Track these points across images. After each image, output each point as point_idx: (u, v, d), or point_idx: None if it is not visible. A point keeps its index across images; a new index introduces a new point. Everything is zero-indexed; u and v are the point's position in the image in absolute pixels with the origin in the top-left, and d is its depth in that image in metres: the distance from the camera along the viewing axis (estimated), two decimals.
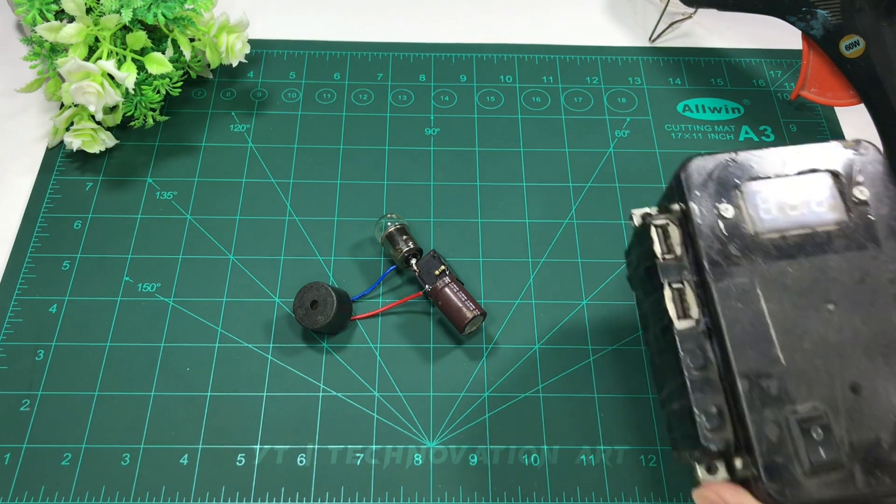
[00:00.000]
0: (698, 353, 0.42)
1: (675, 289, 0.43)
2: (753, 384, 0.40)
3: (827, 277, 0.42)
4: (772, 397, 0.40)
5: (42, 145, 0.70)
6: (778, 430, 0.39)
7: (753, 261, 0.42)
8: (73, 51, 0.63)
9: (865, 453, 0.39)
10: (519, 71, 0.75)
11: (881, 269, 0.42)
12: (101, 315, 0.60)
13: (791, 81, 0.75)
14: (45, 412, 0.56)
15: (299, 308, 0.58)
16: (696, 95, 0.74)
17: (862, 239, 0.43)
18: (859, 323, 0.41)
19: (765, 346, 0.41)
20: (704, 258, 0.43)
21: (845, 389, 0.40)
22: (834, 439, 0.39)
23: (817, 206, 0.44)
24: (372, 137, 0.70)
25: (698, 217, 0.43)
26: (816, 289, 0.42)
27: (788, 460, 0.39)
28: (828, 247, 0.43)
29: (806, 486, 0.39)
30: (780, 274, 0.42)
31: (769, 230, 0.43)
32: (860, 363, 0.40)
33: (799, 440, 0.39)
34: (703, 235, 0.43)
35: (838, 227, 0.43)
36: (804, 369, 0.40)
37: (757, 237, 0.43)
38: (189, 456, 0.55)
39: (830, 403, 0.40)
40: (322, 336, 0.60)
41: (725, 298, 0.41)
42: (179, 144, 0.69)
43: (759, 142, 0.70)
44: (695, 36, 0.79)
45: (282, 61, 0.75)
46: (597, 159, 0.69)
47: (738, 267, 0.42)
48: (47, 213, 0.65)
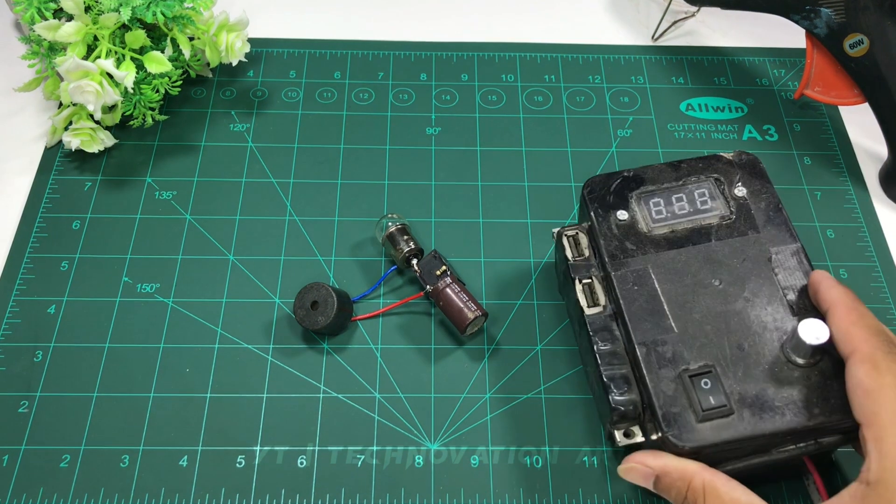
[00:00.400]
0: (606, 333, 0.51)
1: (585, 283, 0.53)
2: (650, 350, 0.48)
3: (713, 260, 0.51)
4: (667, 359, 0.48)
5: (40, 145, 0.70)
6: (673, 386, 0.47)
7: (647, 252, 0.52)
8: (72, 49, 0.63)
9: (752, 400, 0.46)
10: (521, 70, 0.75)
11: (760, 250, 0.52)
12: (99, 316, 0.60)
13: (795, 80, 0.75)
14: (44, 413, 0.56)
15: (300, 309, 0.58)
16: (700, 94, 0.74)
17: (743, 227, 0.52)
18: (745, 294, 0.50)
19: (659, 319, 0.49)
20: (605, 254, 0.52)
21: (733, 349, 0.48)
22: (723, 389, 0.46)
23: (702, 204, 0.54)
24: (373, 137, 0.70)
25: (599, 223, 0.53)
26: (704, 269, 0.51)
27: (683, 409, 0.46)
28: (713, 235, 0.52)
29: (700, 430, 0.46)
30: (671, 260, 0.52)
31: (660, 227, 0.53)
32: (746, 327, 0.49)
33: (691, 391, 0.46)
34: (604, 236, 0.53)
35: (722, 219, 0.53)
36: (695, 335, 0.49)
37: (650, 233, 0.53)
38: (188, 457, 0.55)
39: (720, 361, 0.48)
40: (322, 337, 0.60)
41: (623, 283, 0.51)
42: (179, 144, 0.69)
43: (763, 141, 0.70)
44: (698, 34, 0.79)
45: (282, 60, 0.75)
46: (599, 159, 0.69)
47: (633, 258, 0.52)
48: (46, 213, 0.65)
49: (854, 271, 0.63)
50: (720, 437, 0.45)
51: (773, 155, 0.70)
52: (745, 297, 0.50)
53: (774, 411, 0.46)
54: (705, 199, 0.54)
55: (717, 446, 0.45)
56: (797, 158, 0.70)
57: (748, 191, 0.54)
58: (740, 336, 0.48)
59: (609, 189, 0.55)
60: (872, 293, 0.62)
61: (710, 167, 0.55)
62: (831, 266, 0.63)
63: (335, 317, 0.57)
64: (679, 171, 0.55)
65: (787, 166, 0.69)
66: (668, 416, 0.46)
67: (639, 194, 0.54)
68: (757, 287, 0.50)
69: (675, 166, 0.55)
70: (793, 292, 0.50)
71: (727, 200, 0.54)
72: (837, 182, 0.68)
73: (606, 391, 0.49)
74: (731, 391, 0.47)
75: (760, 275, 0.50)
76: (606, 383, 0.49)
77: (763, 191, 0.54)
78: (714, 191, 0.54)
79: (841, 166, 0.69)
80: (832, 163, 0.70)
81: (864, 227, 0.66)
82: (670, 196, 0.54)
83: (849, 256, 0.64)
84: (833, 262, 0.63)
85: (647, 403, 0.48)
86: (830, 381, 0.46)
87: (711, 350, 0.48)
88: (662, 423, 0.46)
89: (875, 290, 0.62)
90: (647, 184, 0.55)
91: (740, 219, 0.53)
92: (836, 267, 0.63)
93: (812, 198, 0.67)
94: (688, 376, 0.47)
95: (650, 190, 0.54)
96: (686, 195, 0.54)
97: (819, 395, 0.46)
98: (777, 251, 0.51)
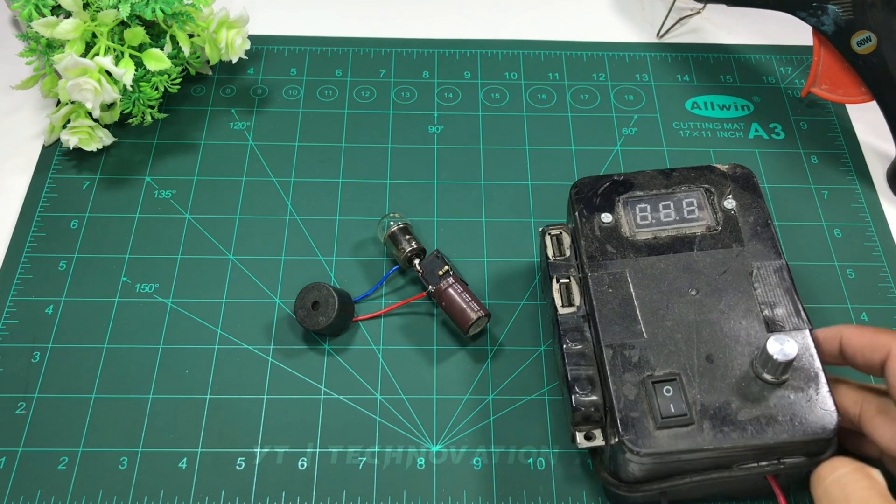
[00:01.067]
0: (576, 333, 0.51)
1: (563, 283, 0.54)
2: (617, 353, 0.49)
3: (693, 269, 0.51)
4: (632, 363, 0.48)
5: (38, 143, 0.69)
6: (636, 391, 0.47)
7: (626, 256, 0.52)
8: (70, 47, 0.62)
9: (715, 412, 0.46)
10: (524, 67, 0.75)
11: (743, 264, 0.51)
12: (98, 316, 0.60)
13: (802, 78, 0.75)
14: (42, 415, 0.56)
15: (300, 309, 0.57)
16: (705, 92, 0.74)
17: (728, 240, 0.52)
18: (721, 306, 0.50)
19: (630, 323, 0.50)
20: (584, 255, 0.53)
21: (701, 359, 0.48)
22: (685, 398, 0.46)
23: (689, 213, 0.54)
24: (374, 135, 0.70)
25: (582, 224, 0.54)
26: (682, 278, 0.51)
27: (643, 415, 0.46)
28: (696, 245, 0.52)
29: (657, 437, 0.45)
30: (650, 266, 0.52)
31: (643, 232, 0.53)
32: (717, 339, 0.49)
33: (652, 397, 0.46)
34: (585, 237, 0.53)
35: (707, 230, 0.53)
36: (664, 342, 0.49)
37: (632, 238, 0.53)
38: (188, 459, 0.54)
39: (686, 370, 0.48)
40: (323, 338, 0.59)
41: (599, 285, 0.51)
42: (178, 142, 0.69)
43: (770, 139, 0.70)
44: (703, 32, 0.79)
45: (282, 57, 0.75)
46: (604, 157, 0.69)
47: (612, 261, 0.52)
48: (43, 213, 0.65)
49: (861, 271, 0.63)
50: (677, 445, 0.45)
51: (779, 153, 0.70)
52: (720, 308, 0.50)
53: (736, 425, 0.46)
54: (693, 208, 0.54)
55: (674, 455, 0.45)
56: (804, 157, 0.70)
57: (738, 204, 0.54)
58: (711, 347, 0.48)
59: (597, 191, 0.55)
60: (880, 293, 0.62)
61: (702, 177, 0.55)
62: (838, 266, 0.63)
63: (336, 317, 0.57)
64: (670, 178, 0.55)
65: (794, 165, 0.69)
66: (626, 420, 0.46)
67: (626, 198, 0.54)
68: (734, 300, 0.50)
69: (666, 174, 0.56)
70: (770, 308, 0.50)
71: (715, 211, 0.54)
72: (844, 181, 0.68)
73: (570, 391, 0.49)
74: (694, 401, 0.46)
75: (739, 288, 0.50)
76: (571, 383, 0.49)
77: (754, 205, 0.54)
78: (703, 201, 0.54)
79: (848, 165, 0.69)
80: (839, 161, 0.70)
81: (871, 227, 0.65)
82: (658, 203, 0.54)
83: (856, 256, 0.64)
84: (840, 261, 0.63)
85: (609, 406, 0.48)
86: (797, 401, 0.46)
87: (679, 358, 0.48)
88: (620, 427, 0.46)
89: (883, 291, 0.62)
90: (636, 189, 0.55)
91: (726, 231, 0.53)
92: (843, 267, 0.63)
93: (819, 197, 0.67)
94: (651, 382, 0.47)
95: (638, 195, 0.55)
96: (674, 203, 0.54)
97: (784, 414, 0.46)
98: (760, 266, 0.51)
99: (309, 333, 0.59)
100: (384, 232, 0.61)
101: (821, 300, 0.61)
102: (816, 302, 0.61)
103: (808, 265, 0.63)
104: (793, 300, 0.50)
